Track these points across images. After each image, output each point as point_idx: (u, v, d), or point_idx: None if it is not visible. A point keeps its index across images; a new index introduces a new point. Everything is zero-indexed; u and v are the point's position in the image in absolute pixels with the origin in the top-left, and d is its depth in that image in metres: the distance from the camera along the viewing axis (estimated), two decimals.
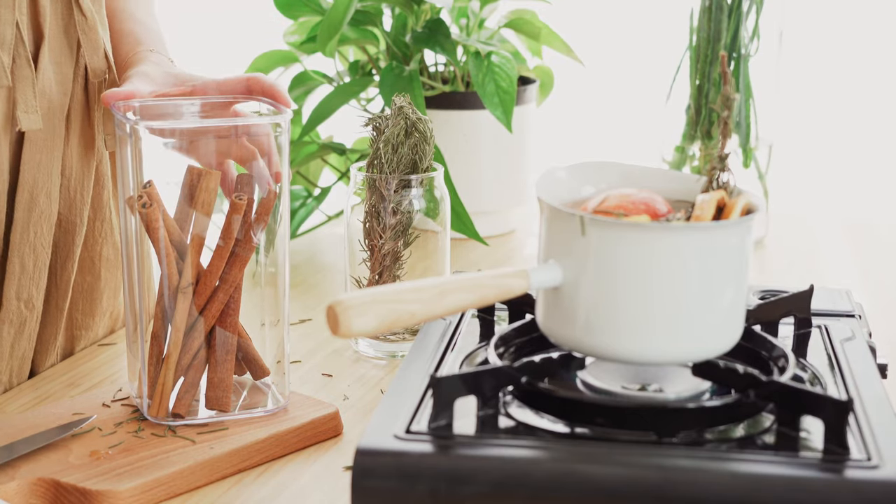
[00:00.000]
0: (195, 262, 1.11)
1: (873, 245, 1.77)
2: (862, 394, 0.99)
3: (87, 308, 1.32)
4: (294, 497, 1.04)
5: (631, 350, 0.96)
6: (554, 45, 1.78)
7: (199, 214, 1.11)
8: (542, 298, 1.00)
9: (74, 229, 1.26)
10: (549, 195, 1.00)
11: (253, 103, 1.18)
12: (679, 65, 1.71)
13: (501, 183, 1.74)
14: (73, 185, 1.25)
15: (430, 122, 1.30)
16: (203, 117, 1.17)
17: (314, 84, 1.73)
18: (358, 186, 1.31)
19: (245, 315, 1.14)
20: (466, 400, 0.96)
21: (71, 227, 1.26)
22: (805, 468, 0.88)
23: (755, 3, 1.67)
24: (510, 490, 0.88)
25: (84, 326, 1.32)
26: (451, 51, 1.62)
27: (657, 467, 0.88)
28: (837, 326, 1.13)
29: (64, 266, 1.27)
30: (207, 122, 1.15)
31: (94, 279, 1.31)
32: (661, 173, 1.07)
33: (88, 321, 1.32)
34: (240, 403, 1.15)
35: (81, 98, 1.24)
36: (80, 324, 1.32)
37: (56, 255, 1.26)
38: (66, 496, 1.02)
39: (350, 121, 1.57)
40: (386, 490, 0.89)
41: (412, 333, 1.33)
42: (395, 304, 0.92)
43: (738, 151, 1.70)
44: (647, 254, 0.94)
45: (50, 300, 1.27)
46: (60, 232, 1.26)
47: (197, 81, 1.20)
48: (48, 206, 1.22)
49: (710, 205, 0.98)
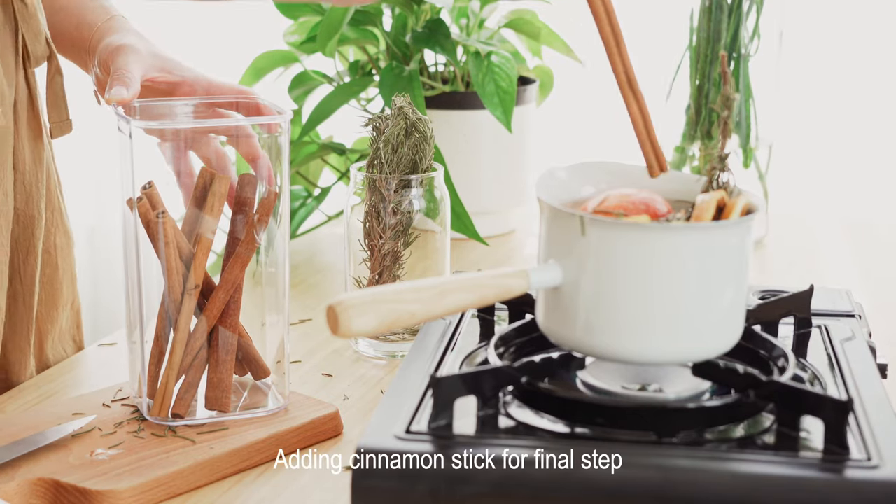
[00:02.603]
0: (202, 265, 1.11)
1: (873, 245, 1.77)
2: (862, 394, 0.99)
3: (51, 300, 1.29)
4: (294, 497, 1.04)
5: (631, 350, 0.96)
6: (554, 45, 1.78)
7: (208, 217, 1.10)
8: (542, 298, 1.00)
9: (33, 223, 1.23)
10: (549, 195, 1.00)
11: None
12: (679, 65, 1.71)
13: (501, 183, 1.74)
14: (27, 179, 1.22)
15: (430, 122, 1.30)
16: (196, 117, 1.16)
17: (314, 84, 1.73)
18: (358, 186, 1.31)
19: (245, 315, 1.14)
20: (466, 400, 0.96)
21: (30, 222, 1.23)
22: (805, 468, 0.88)
23: (755, 3, 1.67)
24: (510, 490, 0.88)
25: (49, 319, 1.30)
26: (451, 51, 1.62)
27: (657, 467, 0.88)
28: (837, 326, 1.13)
29: (26, 261, 1.24)
30: (208, 122, 1.15)
31: (52, 270, 1.28)
32: (661, 173, 1.06)
33: (53, 313, 1.30)
34: (240, 404, 1.15)
35: (24, 87, 1.21)
36: (44, 317, 1.29)
37: (16, 251, 1.23)
38: (66, 496, 1.02)
39: (350, 121, 1.57)
40: (386, 490, 0.89)
41: (412, 333, 1.33)
42: (395, 304, 0.92)
43: (738, 151, 1.70)
44: (647, 254, 0.94)
45: (17, 299, 1.24)
46: (19, 227, 1.23)
47: (187, 73, 1.18)
48: (5, 203, 1.20)
49: (710, 205, 0.98)
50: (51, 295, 1.29)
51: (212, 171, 1.11)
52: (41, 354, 1.30)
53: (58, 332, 1.32)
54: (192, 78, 1.18)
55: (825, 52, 2.21)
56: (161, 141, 1.11)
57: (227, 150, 1.16)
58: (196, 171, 1.14)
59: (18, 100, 1.21)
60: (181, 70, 1.18)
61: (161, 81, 1.18)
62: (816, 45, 2.19)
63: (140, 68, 1.15)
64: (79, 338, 1.37)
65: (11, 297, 1.24)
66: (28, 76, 1.22)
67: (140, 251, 1.11)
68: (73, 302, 1.34)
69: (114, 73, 1.14)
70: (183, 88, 1.18)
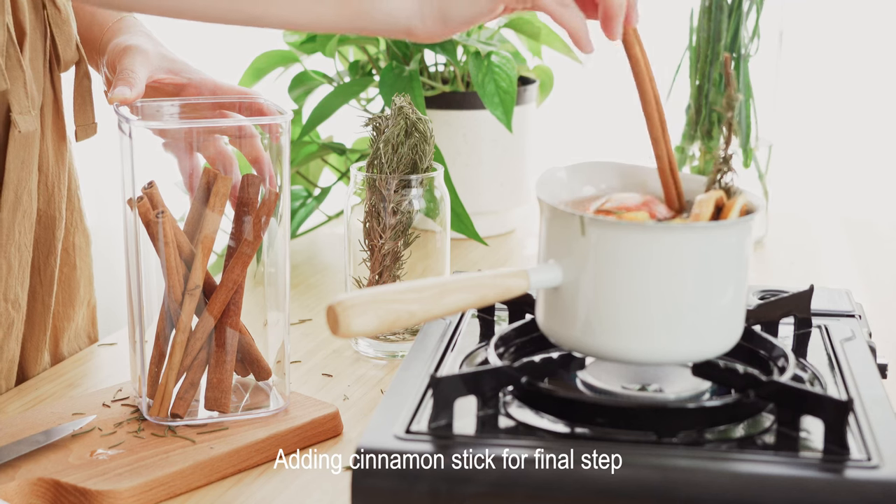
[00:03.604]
0: (204, 265, 1.11)
1: (873, 245, 1.77)
2: (862, 394, 0.99)
3: (67, 299, 1.32)
4: (294, 497, 1.04)
5: (631, 350, 0.96)
6: (554, 45, 1.78)
7: (211, 216, 1.10)
8: (542, 298, 1.00)
9: (54, 224, 1.26)
10: (549, 195, 1.00)
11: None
12: (679, 65, 1.71)
13: (501, 183, 1.74)
14: (50, 180, 1.25)
15: (430, 122, 1.30)
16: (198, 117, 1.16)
17: (314, 84, 1.73)
18: (358, 186, 1.31)
19: (245, 315, 1.14)
20: (466, 400, 0.96)
21: (51, 222, 1.25)
22: (805, 468, 0.88)
23: (755, 3, 1.67)
24: (510, 490, 0.88)
25: (66, 318, 1.32)
26: (451, 51, 1.62)
27: (657, 467, 0.88)
28: (837, 326, 1.13)
29: (46, 262, 1.26)
30: (208, 122, 1.15)
31: (70, 269, 1.31)
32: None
33: (70, 312, 1.32)
34: (242, 404, 1.15)
35: (50, 91, 1.23)
36: (61, 315, 1.32)
37: (38, 251, 1.25)
38: (66, 496, 1.02)
39: (350, 121, 1.57)
40: (386, 490, 0.89)
41: (412, 333, 1.33)
42: (395, 304, 0.91)
43: (738, 151, 1.70)
44: (647, 254, 0.94)
45: (36, 297, 1.26)
46: (41, 228, 1.25)
47: (193, 76, 1.19)
48: (29, 204, 1.22)
49: (708, 204, 0.98)
50: (68, 294, 1.32)
51: (215, 171, 1.11)
52: (56, 351, 1.33)
53: (73, 329, 1.34)
54: (199, 80, 1.18)
55: (825, 52, 2.21)
56: (165, 141, 1.12)
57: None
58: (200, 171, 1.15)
59: (45, 103, 1.23)
60: (188, 72, 1.19)
61: (167, 83, 1.19)
62: (816, 45, 2.19)
63: (146, 70, 1.16)
64: (94, 335, 1.40)
65: (31, 296, 1.26)
66: (54, 80, 1.24)
67: (140, 251, 1.11)
68: (89, 300, 1.36)
69: (119, 73, 1.15)
70: (189, 90, 1.19)
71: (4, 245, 1.20)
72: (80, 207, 1.32)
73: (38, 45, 1.21)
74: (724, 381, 0.98)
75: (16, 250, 1.21)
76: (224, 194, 1.11)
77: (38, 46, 1.21)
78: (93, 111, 1.28)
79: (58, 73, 1.24)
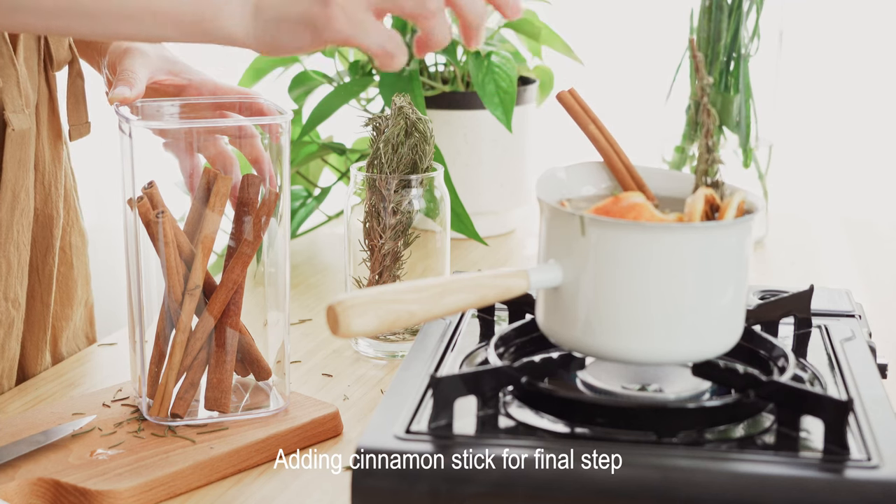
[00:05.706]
0: (204, 265, 1.11)
1: (873, 245, 1.77)
2: (862, 394, 0.99)
3: (65, 299, 1.32)
4: (294, 497, 1.04)
5: (631, 350, 0.96)
6: (554, 45, 1.78)
7: (211, 216, 1.10)
8: (542, 298, 1.00)
9: (52, 222, 1.26)
10: (548, 195, 1.00)
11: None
12: (679, 65, 1.71)
13: (501, 183, 1.74)
14: (47, 179, 1.25)
15: (430, 122, 1.30)
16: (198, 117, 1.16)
17: (314, 84, 1.73)
18: (358, 186, 1.31)
19: (245, 315, 1.14)
20: (466, 400, 0.96)
21: (48, 221, 1.26)
22: (805, 468, 0.88)
23: (755, 3, 1.67)
24: (510, 490, 0.88)
25: (64, 317, 1.33)
26: (451, 51, 1.62)
27: (657, 467, 0.88)
28: (837, 326, 1.13)
29: (44, 261, 1.26)
30: (207, 122, 1.15)
31: (67, 269, 1.31)
32: (661, 173, 1.07)
33: (67, 311, 1.33)
34: (242, 404, 1.15)
35: (45, 90, 1.24)
36: (59, 315, 1.32)
37: (35, 250, 1.26)
38: (66, 496, 1.02)
39: (350, 121, 1.57)
40: (386, 490, 0.89)
41: (412, 333, 1.33)
42: (395, 304, 0.91)
43: (738, 151, 1.70)
44: (647, 254, 0.94)
45: (35, 296, 1.27)
46: (38, 227, 1.26)
47: (194, 77, 1.19)
48: (27, 203, 1.22)
49: (697, 202, 0.98)
50: (66, 293, 1.32)
51: (215, 171, 1.11)
52: (56, 350, 1.33)
53: (72, 329, 1.35)
54: (199, 81, 1.19)
55: (825, 51, 2.21)
56: (165, 141, 1.12)
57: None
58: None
59: (40, 102, 1.23)
60: (188, 73, 1.19)
61: (168, 84, 1.19)
62: (816, 45, 2.19)
63: (147, 71, 1.17)
64: (92, 335, 1.40)
65: (30, 295, 1.27)
66: (49, 79, 1.25)
67: (140, 251, 1.11)
68: (86, 300, 1.37)
69: (119, 74, 1.16)
70: (189, 91, 1.19)
71: (3, 244, 1.21)
72: (77, 207, 1.32)
73: (32, 43, 1.21)
74: (724, 381, 0.98)
75: (14, 249, 1.21)
76: (224, 194, 1.11)
77: (32, 45, 1.21)
78: (86, 111, 1.28)
79: (52, 72, 1.24)
